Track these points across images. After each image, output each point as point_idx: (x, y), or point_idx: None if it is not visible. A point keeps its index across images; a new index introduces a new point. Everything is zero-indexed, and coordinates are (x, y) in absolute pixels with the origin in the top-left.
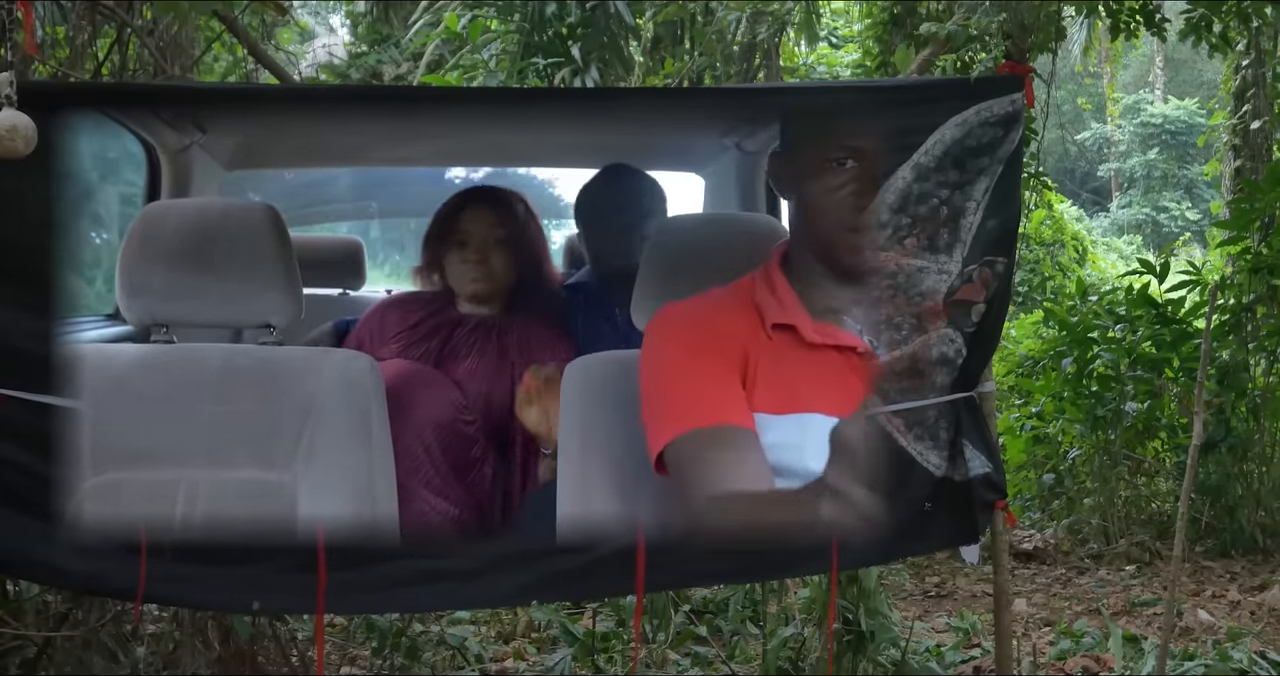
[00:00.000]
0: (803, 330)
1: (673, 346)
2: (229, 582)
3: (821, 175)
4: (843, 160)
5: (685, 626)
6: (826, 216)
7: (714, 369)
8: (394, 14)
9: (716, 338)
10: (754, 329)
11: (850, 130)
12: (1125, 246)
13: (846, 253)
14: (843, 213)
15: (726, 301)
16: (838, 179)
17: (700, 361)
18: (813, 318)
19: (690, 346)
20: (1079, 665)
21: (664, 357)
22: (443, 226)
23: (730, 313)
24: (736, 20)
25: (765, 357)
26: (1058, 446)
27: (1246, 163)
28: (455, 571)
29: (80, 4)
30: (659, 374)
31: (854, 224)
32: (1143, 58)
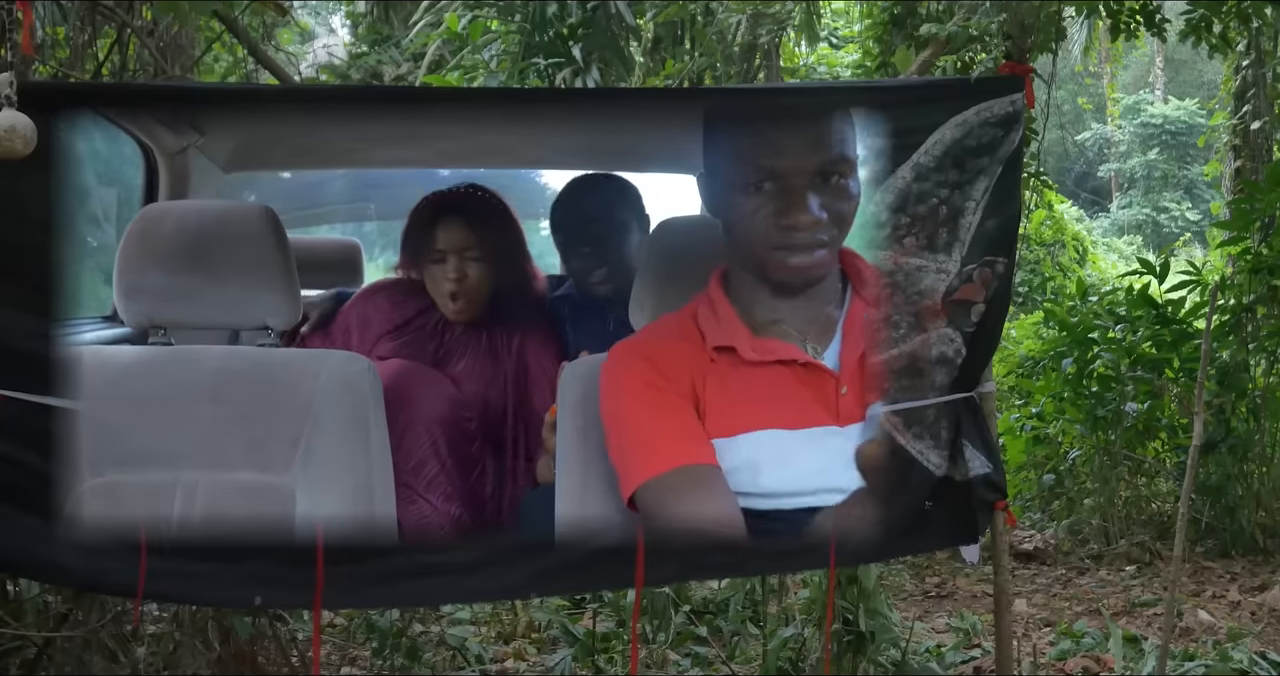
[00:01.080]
0: (741, 350)
1: (627, 387)
2: (229, 578)
3: (742, 197)
4: (759, 183)
5: (685, 626)
6: (753, 236)
7: (669, 404)
8: (394, 14)
9: (665, 372)
10: (698, 352)
11: (764, 151)
12: (1125, 247)
13: (775, 270)
14: (767, 232)
15: (671, 329)
16: (756, 201)
17: (655, 398)
18: (754, 333)
19: (644, 384)
20: (1079, 665)
21: (621, 401)
22: (418, 238)
23: (675, 342)
24: (737, 21)
25: (711, 381)
26: (1058, 446)
27: (1246, 163)
28: (454, 565)
29: (80, 4)
30: (618, 417)
31: (780, 242)
32: (1143, 58)
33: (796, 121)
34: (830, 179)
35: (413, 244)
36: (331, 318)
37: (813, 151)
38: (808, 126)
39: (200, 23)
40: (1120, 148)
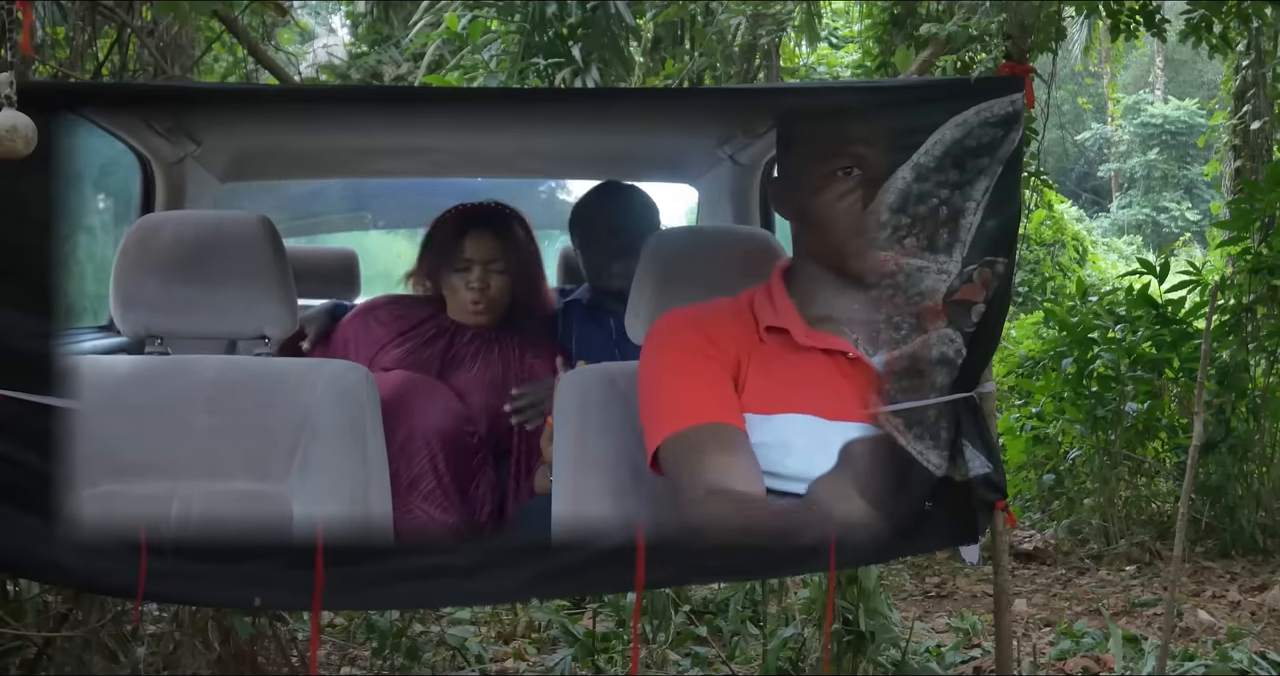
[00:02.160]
0: (794, 333)
1: (670, 350)
2: (229, 579)
3: (828, 188)
4: (848, 169)
5: (685, 626)
6: (838, 226)
7: (708, 370)
8: (394, 14)
9: (711, 341)
10: (748, 332)
11: (851, 137)
12: (1125, 246)
13: (856, 257)
14: (851, 219)
15: (725, 308)
16: (844, 187)
17: (695, 363)
18: (807, 324)
19: (686, 349)
20: (1079, 665)
21: (661, 360)
22: (445, 246)
23: (727, 318)
24: (737, 21)
25: (757, 359)
26: (1058, 446)
27: (1246, 163)
28: (454, 567)
29: (80, 4)
30: (655, 376)
31: (861, 228)
32: (1143, 58)
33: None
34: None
35: (435, 252)
36: (329, 332)
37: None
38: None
39: (200, 23)
40: (1120, 148)
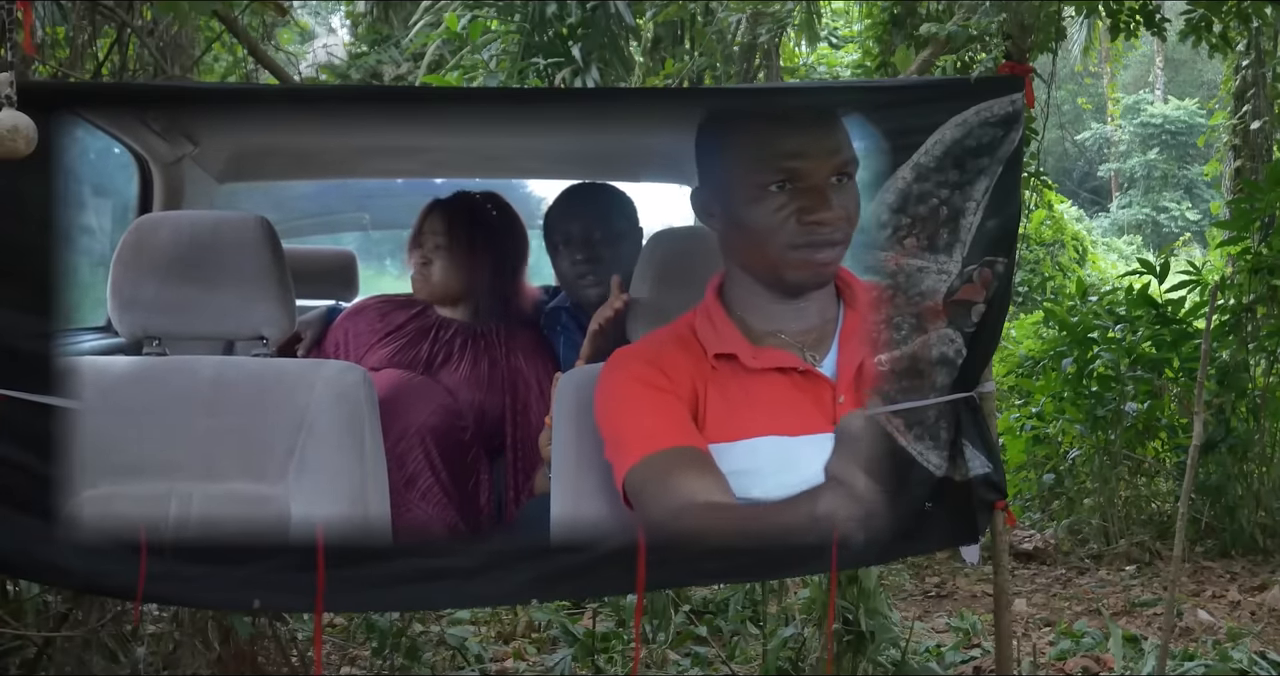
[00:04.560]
0: (742, 356)
1: (625, 384)
2: (229, 581)
3: (761, 202)
4: (781, 183)
5: (685, 626)
6: (773, 240)
7: (664, 402)
8: (394, 14)
9: (665, 374)
10: (699, 361)
11: (782, 151)
12: (1125, 246)
13: (794, 269)
14: (788, 233)
15: (671, 340)
16: (778, 201)
17: (653, 396)
18: (752, 343)
19: (643, 384)
20: (1079, 665)
21: (617, 395)
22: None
23: (675, 350)
24: (737, 21)
25: (714, 387)
26: (1058, 446)
27: (1246, 163)
28: (455, 569)
29: (80, 4)
30: (614, 411)
31: (804, 240)
32: (1143, 58)
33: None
34: (843, 178)
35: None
36: (324, 337)
37: (832, 150)
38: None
39: (200, 23)
40: (1120, 147)
